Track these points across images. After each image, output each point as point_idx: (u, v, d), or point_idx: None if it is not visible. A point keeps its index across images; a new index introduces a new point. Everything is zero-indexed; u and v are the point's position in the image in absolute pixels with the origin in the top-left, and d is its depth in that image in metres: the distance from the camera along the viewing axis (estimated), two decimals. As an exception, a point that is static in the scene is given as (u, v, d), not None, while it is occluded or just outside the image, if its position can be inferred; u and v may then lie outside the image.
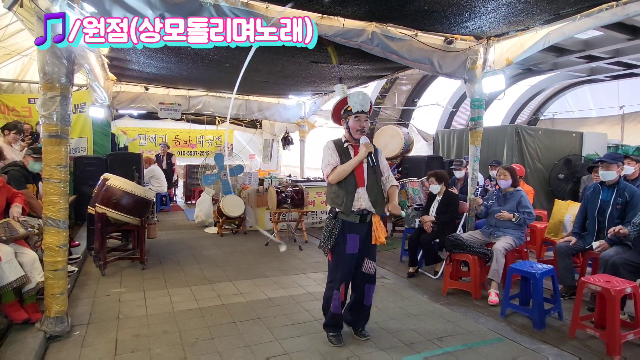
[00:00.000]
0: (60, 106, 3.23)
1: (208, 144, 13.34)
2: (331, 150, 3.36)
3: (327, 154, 3.37)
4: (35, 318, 3.44)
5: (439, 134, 10.53)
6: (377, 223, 3.35)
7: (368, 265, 3.43)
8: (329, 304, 3.38)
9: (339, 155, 3.34)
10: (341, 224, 3.30)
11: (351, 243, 3.30)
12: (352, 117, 3.31)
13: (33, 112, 7.24)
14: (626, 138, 10.76)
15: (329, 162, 3.33)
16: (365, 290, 3.47)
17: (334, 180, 3.28)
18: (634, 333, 3.44)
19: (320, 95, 10.20)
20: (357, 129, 3.30)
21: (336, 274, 3.35)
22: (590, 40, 7.67)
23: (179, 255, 6.16)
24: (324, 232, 3.39)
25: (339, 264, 3.34)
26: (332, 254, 3.38)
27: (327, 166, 3.33)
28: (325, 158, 3.37)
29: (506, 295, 4.11)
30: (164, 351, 3.23)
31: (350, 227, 3.30)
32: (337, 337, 3.42)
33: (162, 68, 7.16)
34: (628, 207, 4.24)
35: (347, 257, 3.32)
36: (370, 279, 3.47)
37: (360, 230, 3.32)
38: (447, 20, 4.66)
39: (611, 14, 4.04)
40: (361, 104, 3.27)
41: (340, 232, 3.30)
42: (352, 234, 3.30)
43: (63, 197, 3.33)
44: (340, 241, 3.31)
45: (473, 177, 5.56)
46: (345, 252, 3.30)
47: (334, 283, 3.36)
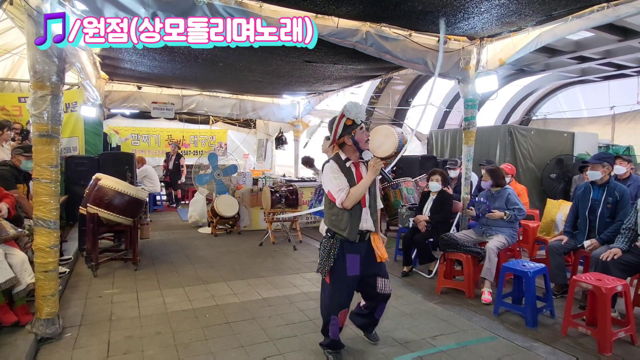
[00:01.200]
0: (51, 105, 3.19)
1: (202, 144, 13.26)
2: (337, 173, 3.04)
3: (333, 177, 3.03)
4: (25, 320, 3.40)
5: (433, 134, 10.57)
6: (376, 240, 3.15)
7: (382, 284, 3.19)
8: (327, 330, 3.14)
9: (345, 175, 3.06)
10: (339, 243, 3.04)
11: (352, 264, 3.04)
12: (357, 130, 3.04)
13: (23, 111, 7.17)
14: (617, 138, 10.88)
15: (340, 186, 2.98)
16: (379, 306, 3.33)
17: (349, 205, 2.97)
18: (625, 331, 3.49)
19: (315, 95, 10.19)
20: (365, 140, 3.08)
21: (334, 298, 3.06)
22: (582, 42, 7.74)
23: (172, 255, 6.12)
24: (321, 253, 3.10)
25: (338, 287, 3.06)
26: (330, 277, 3.06)
27: (339, 191, 2.97)
28: (332, 181, 3.02)
29: (499, 293, 4.14)
30: (157, 352, 3.21)
31: (349, 246, 3.04)
32: (334, 355, 3.18)
33: (155, 67, 7.11)
34: (618, 207, 4.30)
35: (349, 280, 3.06)
36: (385, 297, 3.26)
37: (360, 250, 3.08)
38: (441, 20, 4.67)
39: (602, 16, 4.07)
40: (362, 113, 3.06)
41: (340, 252, 3.03)
42: (351, 254, 3.04)
43: (54, 197, 3.29)
44: (340, 262, 3.03)
45: (466, 176, 5.59)
46: (346, 275, 3.03)
47: (332, 308, 3.07)
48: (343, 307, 3.09)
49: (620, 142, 10.52)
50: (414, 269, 5.48)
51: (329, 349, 3.19)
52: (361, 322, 3.47)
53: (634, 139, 10.32)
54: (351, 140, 3.05)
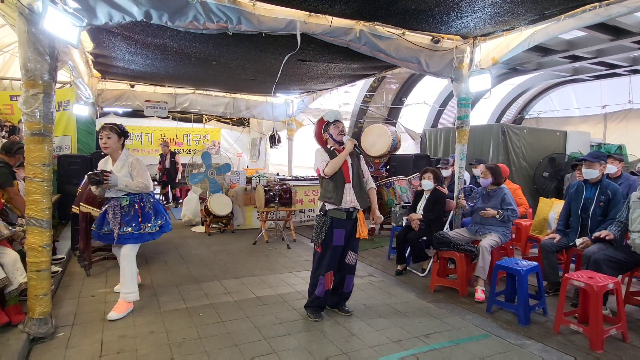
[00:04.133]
0: (43, 104, 3.17)
1: (195, 143, 13.23)
2: (322, 152, 3.90)
3: (319, 155, 3.89)
4: (17, 320, 3.37)
5: (426, 133, 10.60)
6: (361, 219, 3.84)
7: (351, 256, 3.94)
8: (315, 288, 3.83)
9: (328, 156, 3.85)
10: (330, 220, 3.77)
11: (338, 236, 3.79)
12: (331, 126, 3.90)
13: (15, 110, 7.11)
14: (608, 137, 10.98)
15: (323, 159, 3.81)
16: (345, 280, 3.98)
17: (329, 172, 3.74)
18: (616, 328, 3.52)
19: (308, 94, 10.19)
20: (338, 133, 3.88)
21: (323, 262, 3.81)
22: (574, 41, 7.80)
23: (165, 254, 6.10)
24: (315, 228, 3.85)
25: (326, 255, 3.80)
26: (321, 246, 3.82)
27: (321, 162, 3.79)
28: (317, 158, 3.87)
29: (492, 292, 4.16)
30: (151, 352, 3.20)
31: (338, 223, 3.78)
32: (315, 314, 3.85)
33: (148, 65, 7.07)
34: (610, 205, 4.33)
35: (334, 249, 3.80)
36: (350, 269, 3.98)
37: (347, 226, 3.80)
38: (434, 19, 4.69)
39: (594, 15, 4.11)
40: (336, 115, 3.91)
41: (330, 227, 3.77)
42: (339, 229, 3.78)
43: (46, 196, 3.27)
44: (329, 235, 3.77)
45: (460, 175, 5.61)
46: (333, 244, 3.78)
47: (320, 270, 3.81)
48: (329, 269, 3.82)
49: (612, 140, 10.62)
50: (407, 268, 5.50)
51: (311, 309, 3.89)
52: (332, 301, 4.05)
53: (625, 138, 10.41)
54: (328, 134, 3.94)
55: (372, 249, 6.62)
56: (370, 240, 7.30)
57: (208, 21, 3.87)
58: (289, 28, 4.31)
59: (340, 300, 4.05)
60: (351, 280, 4.01)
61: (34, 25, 3.05)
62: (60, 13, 3.09)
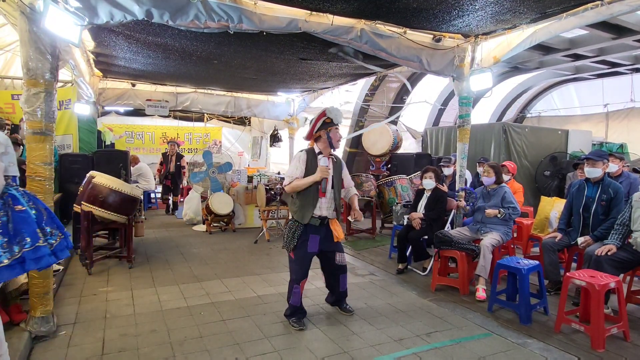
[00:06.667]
0: (44, 102, 3.18)
1: (196, 141, 13.23)
2: (299, 162, 3.66)
3: (293, 165, 3.70)
4: (18, 319, 3.38)
5: (428, 132, 10.59)
6: (334, 224, 3.75)
7: (340, 257, 3.86)
8: (290, 297, 3.73)
9: (308, 166, 3.63)
10: (303, 227, 3.64)
11: (312, 243, 3.65)
12: (333, 128, 3.63)
13: (17, 109, 7.11)
14: (610, 135, 10.95)
15: (291, 173, 3.66)
16: (339, 279, 3.92)
17: (288, 191, 3.67)
18: (618, 327, 3.52)
19: (310, 93, 10.18)
20: (337, 140, 3.65)
21: (297, 270, 3.69)
22: (576, 39, 7.77)
23: (167, 253, 6.11)
24: (287, 233, 3.70)
25: (300, 262, 3.68)
26: (294, 253, 3.68)
27: (288, 177, 3.67)
28: (290, 168, 3.73)
29: (493, 290, 4.16)
30: (152, 350, 3.21)
31: (312, 229, 3.65)
32: (298, 322, 3.68)
33: (149, 64, 7.07)
34: (612, 204, 4.32)
35: (308, 255, 3.69)
36: (343, 269, 3.91)
37: (320, 232, 3.68)
38: (436, 18, 4.68)
39: (596, 13, 4.09)
40: (340, 116, 3.63)
41: (303, 233, 3.64)
42: (313, 235, 3.65)
43: (48, 195, 3.27)
44: (303, 241, 3.64)
45: (461, 174, 5.60)
46: (307, 251, 3.66)
47: (295, 279, 3.69)
48: (303, 277, 3.71)
49: (613, 139, 10.59)
50: (408, 267, 5.50)
51: (292, 317, 3.72)
52: (332, 299, 4.09)
53: (627, 137, 10.39)
54: (326, 135, 3.62)
55: (373, 248, 6.62)
56: (372, 239, 7.30)
57: (209, 20, 3.87)
58: (290, 27, 4.30)
59: (339, 298, 4.03)
60: (345, 278, 3.96)
61: (35, 24, 3.06)
62: (62, 12, 3.09)
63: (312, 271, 3.94)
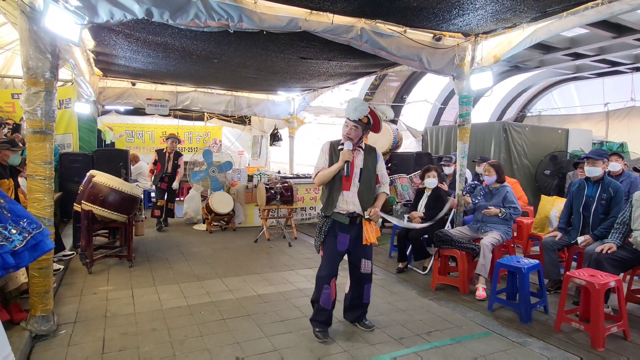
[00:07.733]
0: (44, 102, 3.17)
1: (196, 141, 13.21)
2: (323, 153, 3.53)
3: (318, 157, 3.56)
4: (18, 318, 3.38)
5: (428, 131, 10.59)
6: (366, 225, 3.45)
7: (365, 265, 3.56)
8: (319, 298, 3.45)
9: (331, 157, 3.48)
10: (331, 223, 3.46)
11: (341, 241, 3.45)
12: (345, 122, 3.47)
13: (17, 108, 7.11)
14: (610, 135, 10.95)
15: (317, 165, 3.53)
16: (364, 290, 3.62)
17: (317, 183, 3.52)
18: (618, 326, 3.52)
19: (310, 92, 10.18)
20: (343, 134, 3.44)
21: (325, 269, 3.46)
22: (576, 38, 7.77)
23: (167, 252, 6.11)
24: (317, 230, 3.54)
25: (328, 260, 3.47)
26: (323, 250, 3.52)
27: (315, 168, 3.54)
28: (318, 159, 3.55)
29: (493, 289, 4.16)
30: (153, 349, 3.21)
31: (341, 227, 3.44)
32: (323, 333, 3.44)
33: (149, 63, 7.07)
34: (612, 203, 4.32)
35: (336, 254, 3.47)
36: (368, 278, 3.61)
37: (351, 231, 3.46)
38: (436, 17, 4.67)
39: (596, 12, 4.09)
40: (351, 111, 3.39)
41: (331, 230, 3.46)
42: (343, 233, 3.45)
43: (48, 194, 3.27)
44: (332, 238, 3.45)
45: (461, 173, 5.60)
46: (336, 249, 3.46)
47: (323, 278, 3.44)
48: (332, 276, 3.46)
49: (614, 138, 10.60)
50: (408, 266, 5.50)
51: (317, 323, 3.48)
52: (354, 315, 3.71)
53: (627, 136, 10.39)
54: None
55: (374, 247, 6.60)
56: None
57: (209, 19, 3.87)
58: (290, 26, 4.30)
59: (361, 313, 3.70)
60: (369, 289, 3.64)
61: (35, 23, 3.05)
62: (62, 11, 3.09)
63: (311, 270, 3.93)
